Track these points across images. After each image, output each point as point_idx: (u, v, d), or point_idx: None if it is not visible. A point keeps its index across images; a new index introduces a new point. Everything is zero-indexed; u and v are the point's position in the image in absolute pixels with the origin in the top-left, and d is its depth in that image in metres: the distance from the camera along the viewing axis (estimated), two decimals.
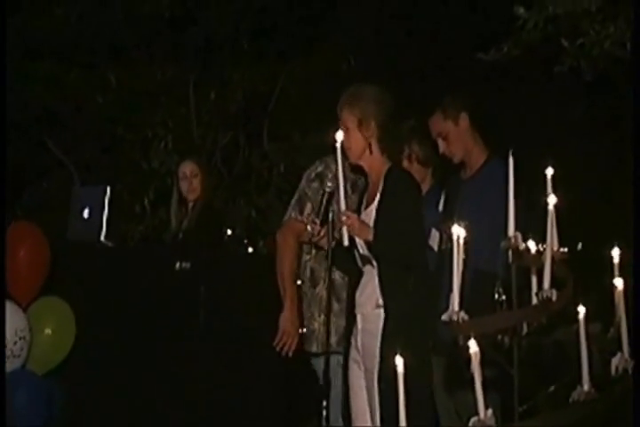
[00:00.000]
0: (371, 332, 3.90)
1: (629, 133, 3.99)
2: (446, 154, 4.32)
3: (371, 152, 3.97)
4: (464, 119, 4.29)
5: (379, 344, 3.83)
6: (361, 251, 3.92)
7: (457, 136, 4.28)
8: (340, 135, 3.73)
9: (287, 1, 8.13)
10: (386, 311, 3.86)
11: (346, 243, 3.79)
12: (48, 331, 5.11)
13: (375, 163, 3.99)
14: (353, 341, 4.01)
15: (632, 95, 4.18)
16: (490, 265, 3.67)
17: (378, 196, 3.94)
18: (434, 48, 8.42)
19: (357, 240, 3.89)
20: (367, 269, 3.95)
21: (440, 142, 4.32)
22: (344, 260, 3.98)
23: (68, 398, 5.16)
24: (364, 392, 3.94)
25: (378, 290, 3.89)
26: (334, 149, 3.94)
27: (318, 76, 8.28)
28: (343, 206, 3.73)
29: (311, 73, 8.42)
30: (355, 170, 4.17)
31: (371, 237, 3.81)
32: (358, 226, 3.78)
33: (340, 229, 3.78)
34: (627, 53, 5.17)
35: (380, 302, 3.88)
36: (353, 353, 4.01)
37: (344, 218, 3.74)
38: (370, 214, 3.93)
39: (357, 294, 4.00)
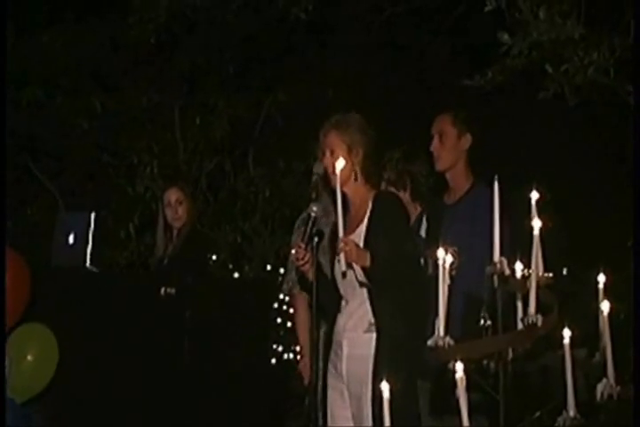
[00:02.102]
0: (359, 357, 3.87)
1: (628, 154, 4.01)
2: (434, 154, 4.30)
3: (356, 179, 3.98)
4: (467, 140, 4.29)
5: (371, 369, 3.80)
6: (359, 278, 3.89)
7: (453, 147, 4.28)
8: (340, 163, 3.72)
9: (273, 29, 8.17)
10: (379, 334, 3.84)
11: (343, 268, 3.77)
12: (30, 358, 5.06)
13: (360, 189, 3.99)
14: (332, 368, 3.98)
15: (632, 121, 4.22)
16: (478, 290, 3.68)
17: (365, 220, 3.94)
18: (418, 74, 8.48)
19: (354, 266, 3.87)
20: (357, 292, 3.94)
21: (436, 139, 4.31)
22: (325, 290, 3.97)
23: (48, 426, 5.11)
24: (350, 423, 3.90)
25: (370, 313, 3.88)
26: (325, 174, 3.99)
27: (303, 103, 8.31)
28: (341, 232, 3.70)
29: (296, 99, 8.45)
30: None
31: (368, 263, 3.80)
32: (356, 252, 3.76)
33: (338, 254, 3.74)
34: (610, 80, 5.21)
35: (372, 324, 3.87)
36: (333, 381, 3.96)
37: (342, 244, 3.71)
38: (355, 240, 3.92)
39: (343, 319, 3.98)
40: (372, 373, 3.77)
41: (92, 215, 5.33)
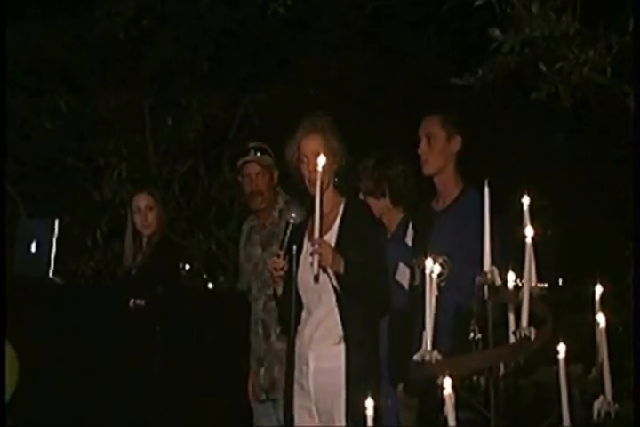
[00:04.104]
0: (328, 371, 3.89)
1: (627, 158, 4.03)
2: (422, 157, 4.32)
3: (335, 186, 4.03)
4: (456, 142, 4.30)
5: (343, 382, 3.82)
6: (333, 282, 3.90)
7: (441, 150, 4.29)
8: (322, 159, 3.74)
9: (250, 24, 8.18)
10: (348, 346, 3.86)
11: (315, 272, 3.79)
12: None
13: (331, 196, 4.06)
14: (298, 387, 3.98)
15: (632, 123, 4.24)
16: (468, 301, 3.69)
17: (335, 226, 3.98)
18: (404, 73, 8.50)
19: (329, 271, 3.88)
20: (322, 301, 3.96)
21: (424, 141, 4.32)
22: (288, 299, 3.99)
23: None
24: None
25: (340, 325, 3.90)
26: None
27: (282, 103, 8.31)
28: (317, 233, 3.71)
29: (275, 99, 8.46)
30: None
31: (342, 269, 3.81)
32: (332, 255, 3.77)
33: (311, 255, 3.75)
34: (606, 79, 5.24)
35: (342, 335, 3.89)
36: (300, 400, 3.98)
37: (317, 246, 3.72)
38: None
39: (308, 330, 3.99)
40: (345, 387, 3.80)
41: (56, 222, 5.32)
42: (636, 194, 3.83)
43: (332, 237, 3.96)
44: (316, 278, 3.88)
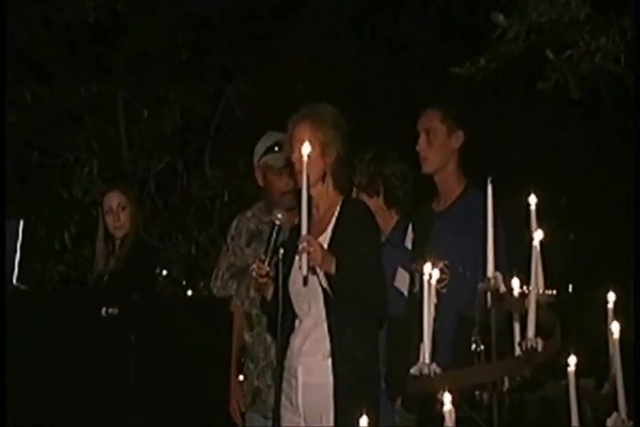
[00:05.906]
0: (317, 386, 3.90)
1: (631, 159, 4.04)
2: (421, 154, 4.31)
3: (324, 182, 4.02)
4: (458, 138, 4.30)
5: (332, 400, 3.82)
6: (323, 284, 3.90)
7: (442, 146, 4.29)
8: (306, 147, 3.71)
9: (233, 9, 8.18)
10: (334, 359, 3.86)
11: (304, 273, 3.77)
12: None
13: (327, 194, 4.05)
14: (287, 402, 4.00)
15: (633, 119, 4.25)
16: (471, 310, 3.69)
17: (330, 227, 3.98)
18: (400, 62, 8.51)
19: (318, 272, 3.87)
20: (312, 309, 3.95)
21: (422, 137, 4.31)
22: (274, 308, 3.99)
23: None
24: None
25: (329, 336, 3.89)
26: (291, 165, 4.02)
27: (267, 95, 8.32)
28: (305, 231, 3.70)
29: (259, 91, 8.46)
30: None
31: (333, 270, 3.80)
32: (322, 254, 3.76)
33: (300, 256, 3.74)
34: (620, 68, 5.25)
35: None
36: (287, 415, 3.99)
37: (304, 244, 3.71)
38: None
39: (298, 340, 3.99)
40: (334, 404, 3.80)
41: (21, 223, 5.30)
42: (636, 194, 3.84)
43: (325, 239, 3.95)
44: (305, 280, 3.87)
